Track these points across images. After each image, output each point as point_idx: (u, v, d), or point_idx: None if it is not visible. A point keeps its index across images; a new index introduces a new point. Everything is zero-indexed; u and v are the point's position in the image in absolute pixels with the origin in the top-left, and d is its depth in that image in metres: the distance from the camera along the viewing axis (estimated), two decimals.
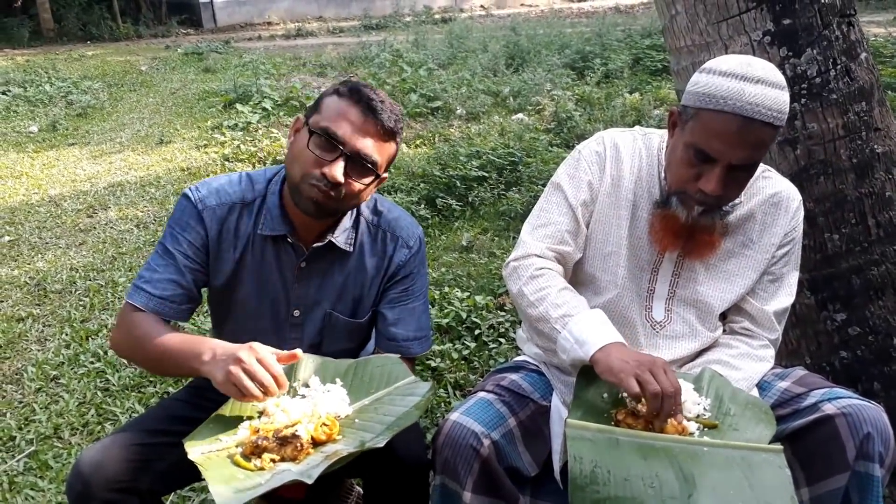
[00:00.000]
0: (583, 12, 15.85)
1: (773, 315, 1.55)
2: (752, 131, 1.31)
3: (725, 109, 1.32)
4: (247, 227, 1.54)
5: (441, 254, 3.82)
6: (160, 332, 1.43)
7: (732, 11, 1.84)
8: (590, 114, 6.17)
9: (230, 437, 1.30)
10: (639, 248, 1.56)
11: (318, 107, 1.47)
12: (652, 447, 1.25)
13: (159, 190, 5.08)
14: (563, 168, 1.62)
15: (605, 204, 1.56)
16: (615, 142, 1.59)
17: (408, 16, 15.74)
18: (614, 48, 8.79)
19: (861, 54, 1.85)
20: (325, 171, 1.41)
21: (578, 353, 1.38)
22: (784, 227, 1.54)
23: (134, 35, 14.70)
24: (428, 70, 8.26)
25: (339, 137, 1.41)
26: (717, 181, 1.35)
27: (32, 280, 3.69)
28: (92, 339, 3.08)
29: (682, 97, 1.44)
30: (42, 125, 7.00)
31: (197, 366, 1.35)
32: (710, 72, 1.37)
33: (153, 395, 2.67)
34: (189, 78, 9.26)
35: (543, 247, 1.54)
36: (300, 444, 1.26)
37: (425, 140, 5.93)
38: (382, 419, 1.34)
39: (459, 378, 2.71)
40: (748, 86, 1.31)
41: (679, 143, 1.42)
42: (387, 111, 1.44)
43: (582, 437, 1.26)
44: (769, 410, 1.35)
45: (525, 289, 1.49)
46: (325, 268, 1.58)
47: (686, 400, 1.36)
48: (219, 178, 1.59)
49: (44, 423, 2.51)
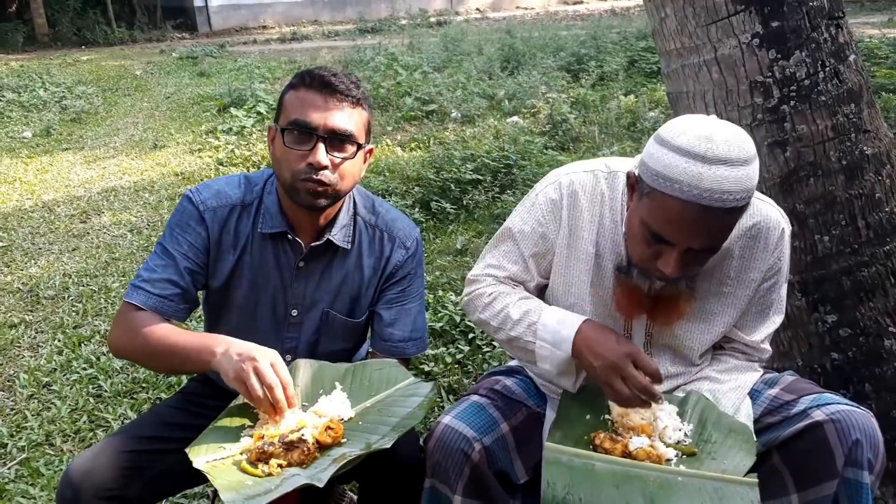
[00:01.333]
0: (578, 15, 15.90)
1: (762, 341, 1.53)
2: (711, 219, 1.19)
3: (681, 197, 1.18)
4: (246, 228, 1.56)
5: (435, 257, 3.82)
6: (165, 329, 1.44)
7: (721, 14, 1.84)
8: (585, 116, 6.19)
9: (234, 444, 1.30)
10: (607, 298, 1.47)
11: (280, 107, 1.50)
12: (626, 474, 1.25)
13: (153, 195, 5.08)
14: (517, 214, 1.53)
15: (562, 255, 1.49)
16: (573, 188, 1.47)
17: (403, 19, 15.76)
18: (609, 50, 8.80)
19: (849, 56, 1.85)
20: (310, 160, 1.43)
21: (559, 355, 1.38)
22: (766, 261, 1.45)
23: (129, 39, 14.71)
24: (423, 73, 8.27)
25: (309, 124, 1.44)
26: (675, 265, 1.25)
27: (25, 286, 3.68)
28: (84, 345, 3.07)
29: (639, 164, 1.31)
30: (36, 130, 7.00)
31: (209, 358, 1.36)
32: (667, 145, 1.22)
33: (145, 401, 2.66)
34: (184, 82, 9.26)
35: (490, 279, 1.53)
36: (307, 449, 1.26)
37: (420, 143, 5.94)
38: (387, 420, 1.35)
39: (453, 382, 2.70)
40: (706, 169, 1.17)
41: (636, 216, 1.31)
42: (343, 82, 1.46)
43: (558, 460, 1.27)
44: (751, 439, 1.33)
45: (484, 316, 1.50)
46: (323, 267, 1.59)
47: (667, 426, 1.36)
48: (219, 181, 1.60)
49: (35, 430, 2.51)
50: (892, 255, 1.88)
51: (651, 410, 1.38)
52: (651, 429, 1.36)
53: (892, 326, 1.89)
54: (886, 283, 1.88)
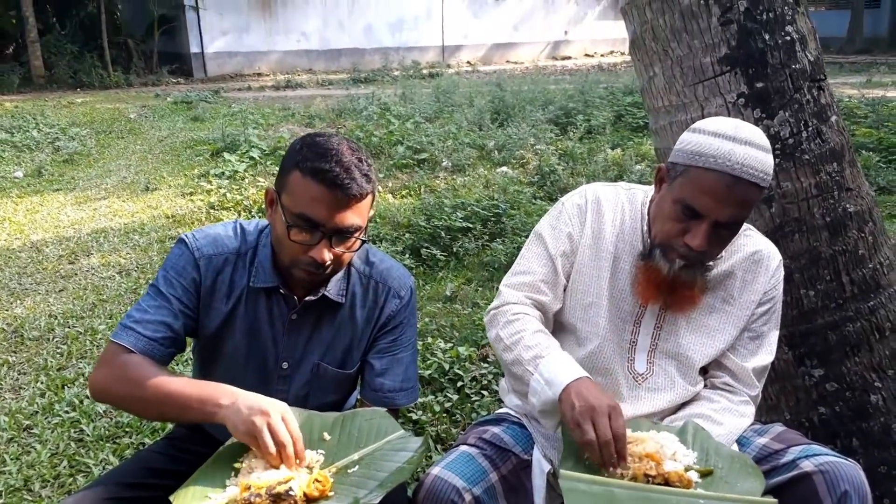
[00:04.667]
0: (566, 69, 16.30)
1: (752, 372, 1.57)
2: (739, 190, 1.36)
3: (715, 168, 1.36)
4: (241, 280, 1.54)
5: (425, 304, 3.82)
6: (160, 374, 1.39)
7: (707, 74, 1.91)
8: (572, 168, 6.29)
9: (219, 493, 1.28)
10: (620, 300, 1.58)
11: (285, 183, 1.43)
12: (648, 499, 1.24)
13: (143, 237, 5.07)
14: (545, 219, 1.66)
15: (585, 255, 1.59)
16: (598, 195, 1.63)
17: (396, 70, 16.09)
18: (597, 105, 9.01)
19: (831, 117, 1.92)
20: (313, 255, 1.41)
21: (548, 394, 1.39)
22: (764, 285, 1.57)
23: (124, 83, 14.88)
24: (415, 123, 8.41)
25: (316, 221, 1.39)
26: (703, 237, 1.39)
27: (10, 326, 3.64)
28: (68, 387, 3.02)
29: (671, 154, 1.49)
30: (27, 170, 7.01)
31: (213, 409, 1.33)
32: (701, 131, 1.42)
33: (128, 445, 2.61)
34: (178, 126, 9.34)
35: (521, 295, 1.58)
36: (294, 501, 1.24)
37: (411, 191, 6.00)
38: (375, 475, 1.33)
39: (441, 431, 2.68)
40: (737, 146, 1.36)
41: (666, 199, 1.46)
42: (354, 179, 1.39)
43: (576, 488, 1.25)
44: (755, 465, 1.35)
45: (501, 333, 1.52)
46: (316, 320, 1.58)
47: (676, 451, 1.36)
48: (215, 228, 1.59)
49: (14, 475, 2.44)
50: (876, 310, 1.92)
51: (655, 439, 1.38)
52: (659, 456, 1.34)
53: (878, 381, 1.91)
54: (871, 338, 1.91)
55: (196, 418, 1.38)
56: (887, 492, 1.89)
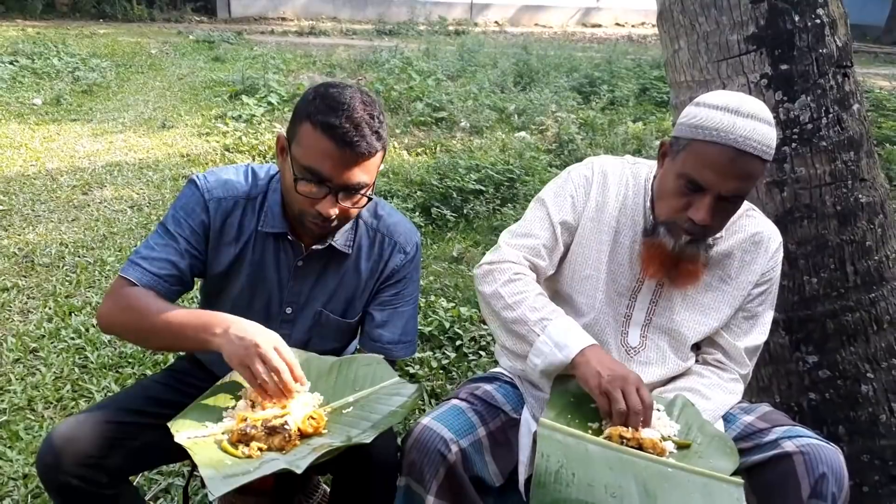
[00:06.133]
0: (595, 37, 15.98)
1: (744, 351, 1.59)
2: (742, 163, 1.36)
3: (718, 141, 1.36)
4: (250, 223, 1.56)
5: (431, 262, 3.85)
6: (162, 305, 1.43)
7: (733, 52, 1.88)
8: (592, 139, 6.22)
9: (216, 423, 1.32)
10: (618, 274, 1.59)
11: (295, 133, 1.42)
12: (619, 459, 1.27)
13: (157, 173, 5.10)
14: (550, 185, 1.66)
15: (587, 227, 1.60)
16: (604, 168, 1.63)
17: (422, 24, 15.81)
18: (622, 76, 8.86)
19: (854, 105, 1.89)
20: (319, 208, 1.42)
21: (557, 357, 1.40)
22: (762, 267, 1.58)
23: (147, 17, 14.70)
24: (436, 80, 8.31)
25: (323, 175, 1.39)
26: (707, 210, 1.40)
27: (21, 251, 3.70)
28: (75, 315, 3.09)
29: (675, 128, 1.49)
30: (46, 98, 7.01)
31: (207, 337, 1.36)
32: (704, 105, 1.42)
33: (130, 375, 2.68)
34: (198, 65, 9.28)
35: (520, 255, 1.57)
36: (288, 435, 1.28)
37: (427, 149, 5.97)
38: (369, 416, 1.37)
39: (436, 386, 2.73)
40: (740, 119, 1.36)
41: (670, 174, 1.46)
42: (364, 136, 1.37)
43: (552, 437, 1.28)
44: (734, 447, 1.38)
45: (502, 290, 1.51)
46: (321, 268, 1.60)
47: (661, 420, 1.39)
48: (227, 170, 1.60)
49: (18, 394, 2.52)
50: (877, 302, 1.92)
51: None
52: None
53: (871, 372, 1.92)
54: (869, 329, 1.92)
55: (193, 346, 1.43)
56: (867, 480, 1.92)
